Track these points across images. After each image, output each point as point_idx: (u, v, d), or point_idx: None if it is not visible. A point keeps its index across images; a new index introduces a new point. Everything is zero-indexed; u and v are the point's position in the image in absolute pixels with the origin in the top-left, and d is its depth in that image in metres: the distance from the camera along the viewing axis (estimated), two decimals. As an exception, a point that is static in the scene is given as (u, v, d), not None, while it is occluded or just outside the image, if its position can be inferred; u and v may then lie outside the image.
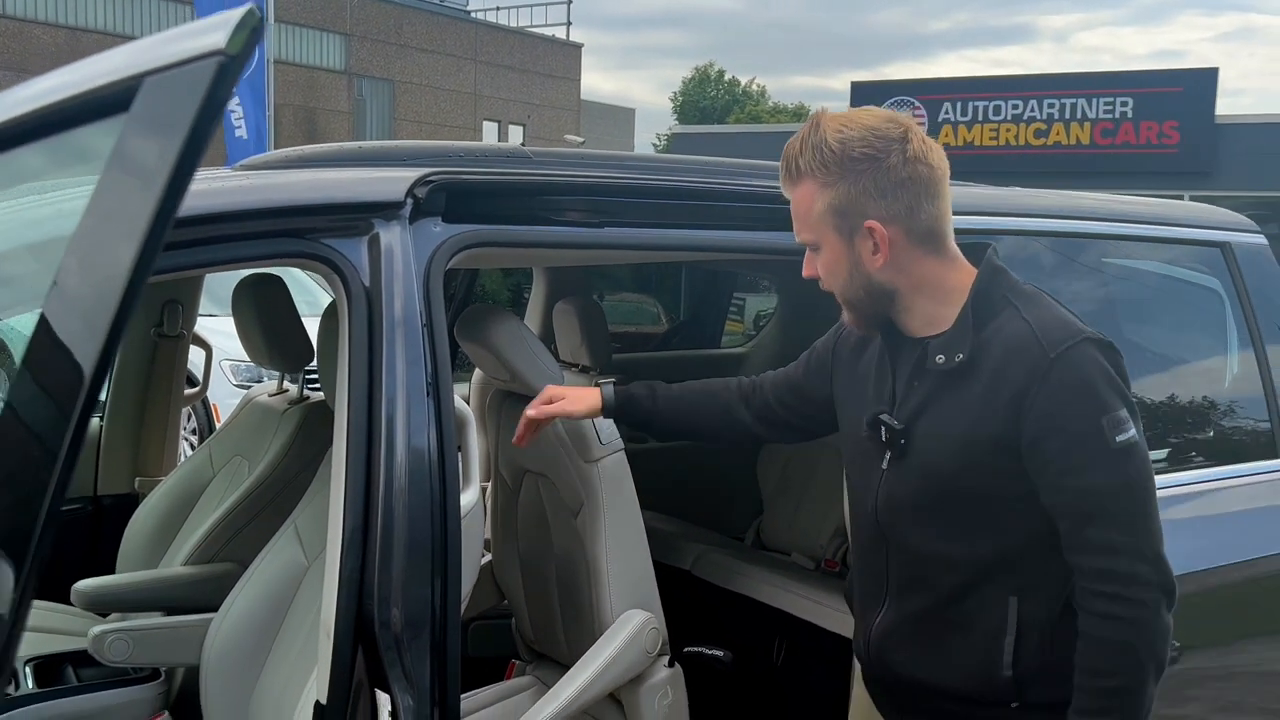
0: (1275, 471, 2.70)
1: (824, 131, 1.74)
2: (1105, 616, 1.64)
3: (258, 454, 3.00)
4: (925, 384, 1.77)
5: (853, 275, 1.78)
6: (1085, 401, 1.65)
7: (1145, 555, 1.65)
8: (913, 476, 1.78)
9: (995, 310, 1.75)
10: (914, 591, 1.82)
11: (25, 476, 0.94)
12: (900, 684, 1.87)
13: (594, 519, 2.44)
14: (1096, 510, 1.65)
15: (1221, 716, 2.67)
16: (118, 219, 0.76)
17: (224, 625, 2.40)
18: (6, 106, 0.87)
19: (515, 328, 2.50)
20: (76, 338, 0.77)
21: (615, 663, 2.35)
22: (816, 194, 1.75)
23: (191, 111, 0.74)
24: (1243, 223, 2.92)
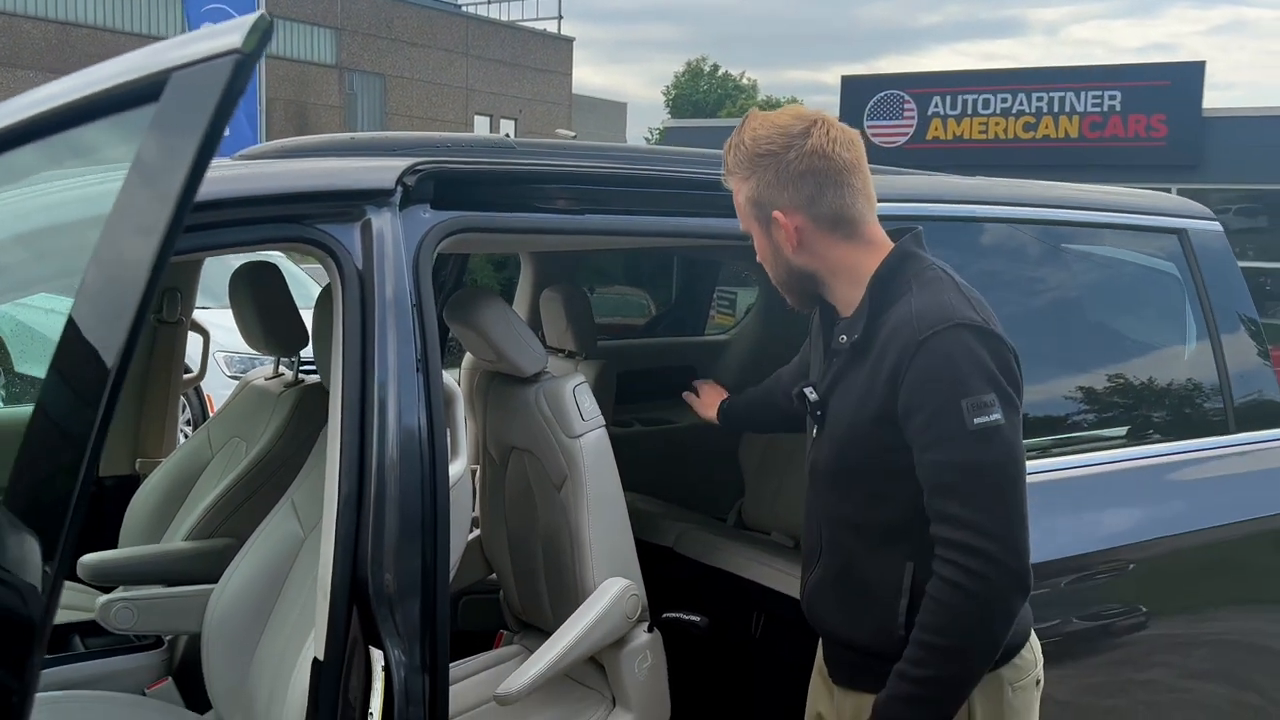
0: (1228, 446, 2.83)
1: (744, 131, 1.92)
2: (946, 581, 1.74)
3: (255, 435, 3.11)
4: (837, 362, 1.93)
5: (776, 260, 1.95)
6: (945, 382, 1.74)
7: (992, 534, 1.72)
8: (827, 446, 1.94)
9: (896, 294, 1.85)
10: (832, 553, 1.97)
11: (63, 450, 1.06)
12: (826, 638, 2.06)
13: (577, 492, 2.56)
14: (948, 485, 1.75)
15: (1186, 681, 2.80)
16: (152, 191, 0.88)
17: (224, 594, 2.51)
18: (50, 97, 0.99)
19: (502, 310, 2.62)
20: (116, 299, 0.88)
21: (597, 627, 2.47)
22: (739, 188, 1.94)
23: (213, 101, 0.86)
24: (1199, 210, 3.05)
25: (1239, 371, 2.91)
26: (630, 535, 2.62)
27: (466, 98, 36.73)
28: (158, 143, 0.90)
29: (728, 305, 5.69)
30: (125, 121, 0.95)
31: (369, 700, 1.90)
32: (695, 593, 3.33)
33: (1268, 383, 2.98)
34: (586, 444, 2.56)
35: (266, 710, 2.32)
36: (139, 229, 0.86)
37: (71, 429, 1.04)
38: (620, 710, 2.61)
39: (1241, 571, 2.83)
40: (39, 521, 1.07)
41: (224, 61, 0.87)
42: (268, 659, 2.41)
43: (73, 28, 28.06)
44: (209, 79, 0.87)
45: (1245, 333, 2.98)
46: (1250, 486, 2.84)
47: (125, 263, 0.86)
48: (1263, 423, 2.93)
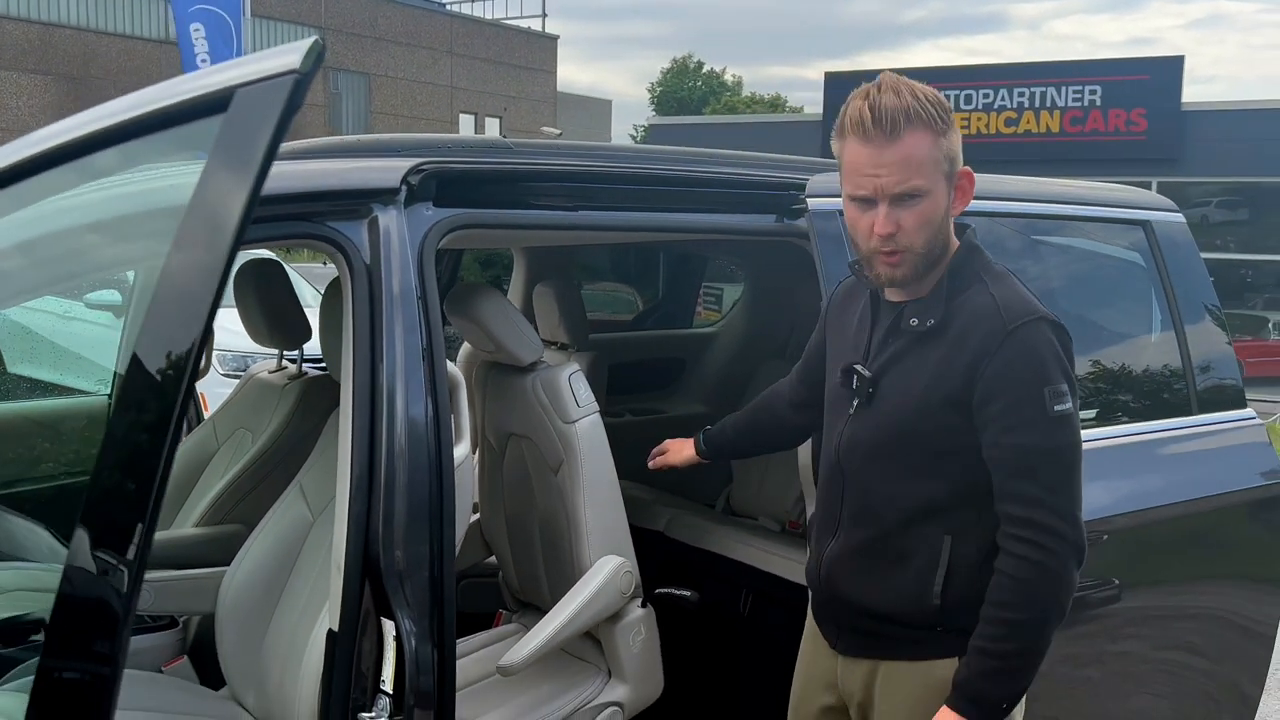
0: (1191, 427, 2.98)
1: (918, 88, 1.89)
2: (1020, 558, 1.85)
3: (260, 426, 3.23)
4: (897, 342, 2.00)
5: (941, 225, 1.94)
6: (1031, 371, 1.86)
7: (1062, 513, 1.86)
8: (874, 422, 2.01)
9: (967, 283, 1.96)
10: (861, 524, 2.05)
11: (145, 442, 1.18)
12: (843, 605, 2.11)
13: (573, 474, 2.69)
14: (1027, 467, 1.86)
15: (1158, 651, 2.93)
16: (222, 191, 1.01)
17: (237, 576, 2.63)
18: (130, 107, 1.12)
19: (500, 302, 2.75)
20: (193, 288, 1.01)
21: (592, 602, 2.60)
22: (932, 142, 1.87)
23: (275, 114, 0.99)
24: (1163, 203, 3.19)
25: (1201, 356, 3.06)
26: (624, 515, 2.75)
27: (451, 96, 36.77)
28: (227, 148, 1.03)
29: (714, 301, 5.82)
30: (197, 129, 1.09)
31: (381, 669, 2.02)
32: (686, 574, 3.46)
33: (1227, 367, 3.13)
34: (582, 429, 2.69)
35: (279, 686, 2.43)
36: (213, 224, 0.99)
37: (151, 420, 1.16)
38: (616, 682, 2.74)
39: (1205, 544, 2.97)
40: (122, 515, 1.20)
41: (284, 80, 1.01)
42: (279, 637, 2.53)
43: (55, 28, 28.02)
44: (271, 95, 1.00)
45: (1207, 319, 3.12)
46: (1211, 464, 2.99)
47: (200, 255, 0.99)
48: (1222, 404, 3.08)
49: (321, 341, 2.58)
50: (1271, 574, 3.10)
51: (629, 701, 2.76)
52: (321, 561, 2.48)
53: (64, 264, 1.56)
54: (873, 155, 1.89)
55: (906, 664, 2.02)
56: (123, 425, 1.25)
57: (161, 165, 1.34)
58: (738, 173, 2.69)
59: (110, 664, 1.27)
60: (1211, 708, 3.09)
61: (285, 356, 3.43)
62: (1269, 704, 4.83)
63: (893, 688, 2.04)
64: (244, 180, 0.98)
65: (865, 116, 1.89)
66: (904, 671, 2.03)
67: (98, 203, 1.42)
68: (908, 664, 2.02)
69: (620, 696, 2.74)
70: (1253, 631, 3.10)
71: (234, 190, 0.99)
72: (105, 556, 1.26)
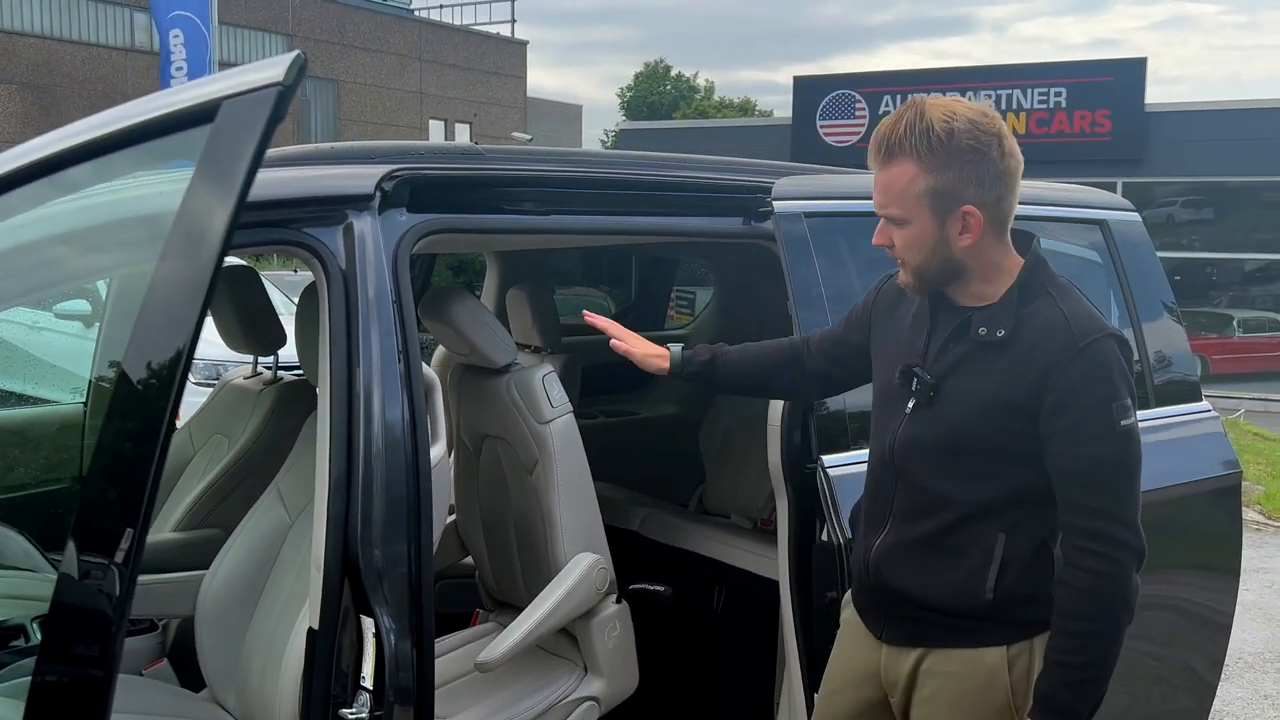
0: (1149, 419, 3.05)
1: (930, 119, 1.93)
2: (1090, 571, 1.90)
3: (236, 431, 3.26)
4: (961, 347, 2.03)
5: (935, 251, 1.99)
6: (1102, 386, 1.92)
7: (1127, 522, 1.92)
8: (934, 424, 2.05)
9: (1034, 295, 2.00)
10: (915, 520, 2.09)
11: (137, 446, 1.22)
12: (892, 596, 2.14)
13: (548, 474, 2.74)
14: (1095, 479, 1.91)
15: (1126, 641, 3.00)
16: (211, 197, 1.06)
17: (215, 579, 2.66)
18: (116, 119, 1.16)
19: (473, 305, 2.80)
20: (181, 293, 1.06)
21: (568, 599, 2.65)
22: (917, 175, 1.94)
23: (260, 124, 1.04)
24: (1119, 202, 3.28)
25: (1158, 351, 3.14)
26: (598, 513, 2.81)
27: (421, 102, 36.71)
28: (214, 158, 1.07)
29: (686, 305, 5.89)
30: (183, 139, 1.13)
31: (361, 666, 2.06)
32: (661, 571, 3.51)
33: (1184, 362, 3.21)
34: (556, 429, 2.74)
35: (259, 687, 2.46)
36: (201, 230, 1.03)
37: (142, 428, 1.21)
38: (592, 677, 2.79)
39: (1164, 534, 3.03)
40: (115, 521, 1.24)
41: (268, 92, 1.05)
42: (259, 638, 2.56)
43: (18, 37, 27.79)
44: (256, 106, 1.05)
45: (1164, 316, 3.21)
46: (1169, 456, 3.07)
47: (190, 259, 1.03)
48: (1179, 398, 3.17)
49: (298, 346, 2.62)
50: (1227, 563, 3.18)
51: (605, 696, 2.81)
52: (300, 563, 2.51)
53: (51, 271, 1.59)
54: (874, 175, 2.02)
55: (954, 651, 2.07)
56: (113, 433, 1.29)
57: (150, 174, 1.38)
58: (706, 177, 2.75)
59: (105, 668, 1.31)
60: (1169, 694, 3.17)
61: (260, 362, 3.46)
62: (1228, 691, 4.94)
63: (938, 674, 2.09)
64: (231, 188, 1.03)
65: (874, 136, 2.00)
66: (951, 659, 2.08)
67: (86, 211, 1.46)
68: (955, 651, 2.07)
69: (596, 691, 2.79)
70: (1210, 620, 3.18)
71: (221, 197, 1.03)
72: (99, 562, 1.30)
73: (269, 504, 2.70)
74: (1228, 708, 4.81)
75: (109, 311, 3.12)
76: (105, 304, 3.30)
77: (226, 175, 1.05)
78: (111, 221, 1.52)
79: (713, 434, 4.04)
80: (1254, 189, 18.68)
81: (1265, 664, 5.41)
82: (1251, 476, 9.17)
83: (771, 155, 3.35)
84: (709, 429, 4.06)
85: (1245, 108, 18.59)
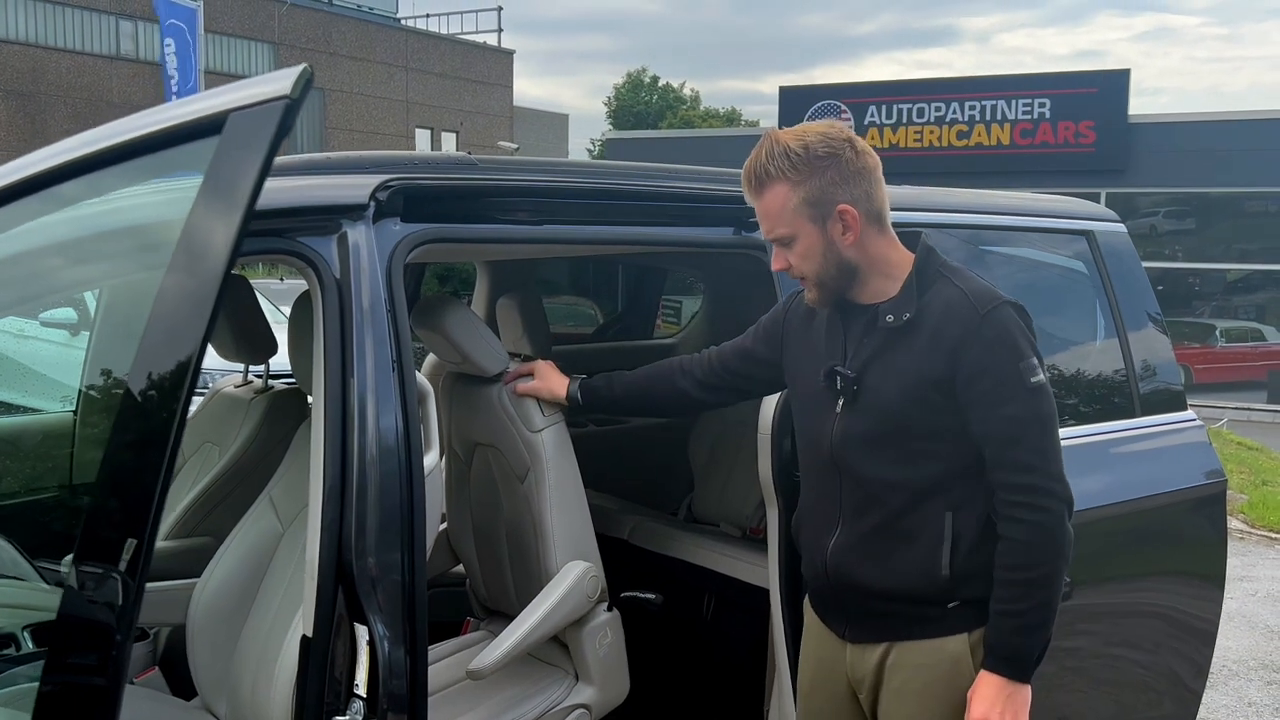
0: (1135, 428, 3.09)
1: (784, 142, 2.11)
2: (1023, 522, 2.04)
3: (227, 440, 3.26)
4: (874, 340, 2.16)
5: (826, 256, 2.14)
6: (1007, 350, 2.06)
7: (1052, 473, 2.05)
8: (865, 415, 2.15)
9: (931, 280, 2.14)
10: (865, 512, 2.18)
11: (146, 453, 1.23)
12: (853, 592, 2.21)
13: (539, 482, 2.75)
14: (1016, 436, 2.04)
15: (1104, 649, 3.03)
16: (219, 208, 1.07)
17: (207, 588, 2.65)
18: (124, 130, 1.17)
19: (465, 314, 2.81)
20: (189, 301, 1.07)
21: (560, 606, 2.67)
22: (789, 193, 2.11)
23: (268, 137, 1.05)
24: (1105, 213, 3.32)
25: (1143, 361, 3.18)
26: (589, 522, 2.82)
27: (407, 111, 36.71)
28: (221, 169, 1.09)
29: (673, 314, 5.90)
30: (191, 150, 1.15)
31: (354, 673, 2.06)
32: (650, 580, 3.52)
33: (1169, 371, 3.25)
34: (547, 438, 2.76)
35: (252, 694, 2.46)
36: (208, 241, 1.04)
37: (151, 435, 1.22)
38: (583, 684, 2.80)
39: (1150, 542, 3.08)
40: (122, 531, 1.25)
41: (275, 105, 1.07)
42: (251, 648, 2.56)
43: (4, 44, 27.70)
44: (263, 119, 1.06)
45: (1149, 326, 3.24)
46: (1155, 464, 3.11)
47: (197, 270, 1.04)
48: (1165, 407, 3.20)
49: (291, 355, 2.63)
50: (1212, 571, 3.21)
51: (596, 703, 2.82)
52: (292, 571, 2.52)
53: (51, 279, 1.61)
54: (754, 206, 2.19)
55: (918, 643, 2.15)
56: (121, 444, 1.30)
57: (157, 183, 1.39)
58: (696, 187, 2.77)
59: (113, 677, 1.31)
60: (1155, 701, 3.20)
61: (251, 371, 3.46)
62: (1214, 698, 4.97)
63: (905, 666, 2.16)
64: (237, 200, 1.05)
65: (743, 176, 2.19)
66: (916, 650, 2.15)
67: (92, 220, 1.48)
68: (919, 643, 2.15)
69: (587, 699, 2.80)
70: (1195, 627, 3.21)
71: (228, 209, 1.05)
72: (107, 572, 1.31)
73: (261, 512, 2.70)
74: (1213, 715, 4.84)
75: (100, 321, 3.12)
76: (96, 313, 3.30)
77: (233, 187, 1.06)
78: (113, 230, 1.53)
79: (701, 443, 4.06)
80: (1236, 199, 18.83)
81: (1250, 671, 5.45)
82: (1235, 486, 9.24)
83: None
84: (697, 438, 4.07)
85: (1228, 119, 18.74)
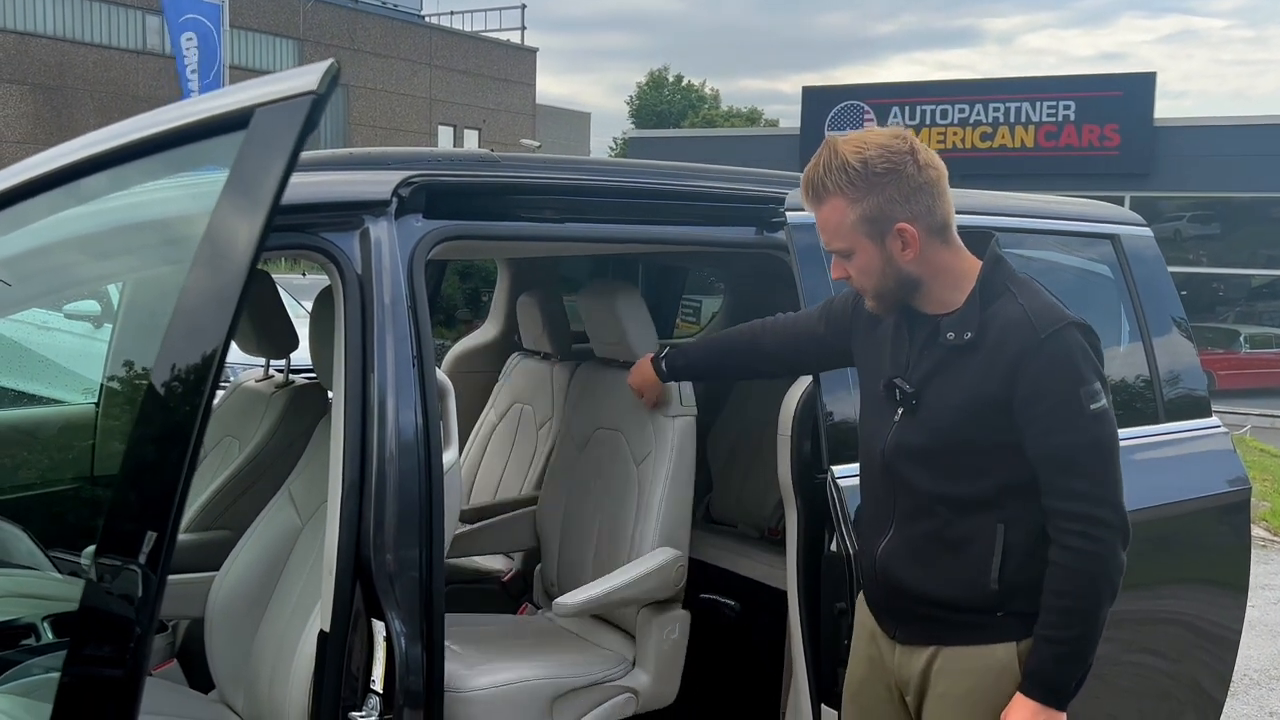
0: (1159, 434, 3.06)
1: (843, 155, 2.05)
2: (1073, 550, 1.99)
3: (248, 434, 3.27)
4: (935, 354, 2.12)
5: (885, 272, 2.09)
6: (1067, 374, 2.00)
7: (1107, 501, 2.00)
8: (921, 430, 2.12)
9: (996, 294, 2.08)
10: (916, 520, 2.16)
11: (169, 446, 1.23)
12: (902, 595, 2.20)
13: (658, 466, 2.89)
14: (1070, 463, 2.00)
15: (1125, 656, 3.01)
16: (245, 201, 1.07)
17: (226, 581, 2.67)
18: (150, 124, 1.18)
19: (638, 300, 3.00)
20: (215, 293, 1.07)
21: (648, 578, 2.79)
22: (846, 209, 2.06)
23: (294, 132, 1.05)
24: (1131, 217, 3.29)
25: (1167, 366, 3.14)
26: (690, 516, 2.94)
27: (430, 108, 36.79)
28: (247, 163, 1.09)
29: (692, 313, 5.89)
30: (217, 145, 1.15)
31: (371, 669, 2.07)
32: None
33: (1193, 377, 3.22)
34: (679, 425, 2.90)
35: (268, 689, 2.47)
36: (234, 235, 1.04)
37: (175, 430, 1.22)
38: (639, 671, 2.89)
39: (1172, 549, 3.05)
40: (145, 525, 1.25)
41: (302, 100, 1.07)
42: (269, 641, 2.57)
43: (31, 38, 27.89)
44: (290, 114, 1.06)
45: (1174, 331, 3.21)
46: (1178, 470, 3.08)
47: (222, 265, 1.04)
48: (1189, 413, 3.17)
49: (312, 350, 2.64)
50: (1235, 578, 3.18)
51: (645, 692, 2.89)
52: (310, 566, 2.52)
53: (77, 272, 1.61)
54: (814, 216, 2.14)
55: (965, 649, 2.13)
56: (144, 438, 1.30)
57: (182, 178, 1.40)
58: (720, 186, 2.76)
59: (133, 669, 1.32)
60: (1177, 710, 3.17)
61: (272, 365, 3.47)
62: (1235, 707, 4.93)
63: (951, 671, 2.14)
64: (263, 195, 1.05)
65: (801, 183, 2.12)
66: (963, 656, 2.13)
67: (119, 213, 1.48)
68: (967, 649, 2.13)
69: (639, 685, 2.88)
70: (1217, 635, 3.18)
71: (254, 204, 1.05)
72: (128, 565, 1.32)
73: (280, 506, 2.71)
74: (1233, 724, 4.80)
75: (123, 313, 3.14)
76: (118, 306, 3.32)
77: (260, 182, 1.06)
78: (139, 223, 1.54)
79: (719, 443, 4.05)
80: (1262, 204, 18.68)
81: (1271, 681, 5.40)
82: (1258, 493, 9.16)
83: (778, 165, 3.39)
84: (715, 438, 4.07)
85: (1254, 123, 18.59)
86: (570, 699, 2.76)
